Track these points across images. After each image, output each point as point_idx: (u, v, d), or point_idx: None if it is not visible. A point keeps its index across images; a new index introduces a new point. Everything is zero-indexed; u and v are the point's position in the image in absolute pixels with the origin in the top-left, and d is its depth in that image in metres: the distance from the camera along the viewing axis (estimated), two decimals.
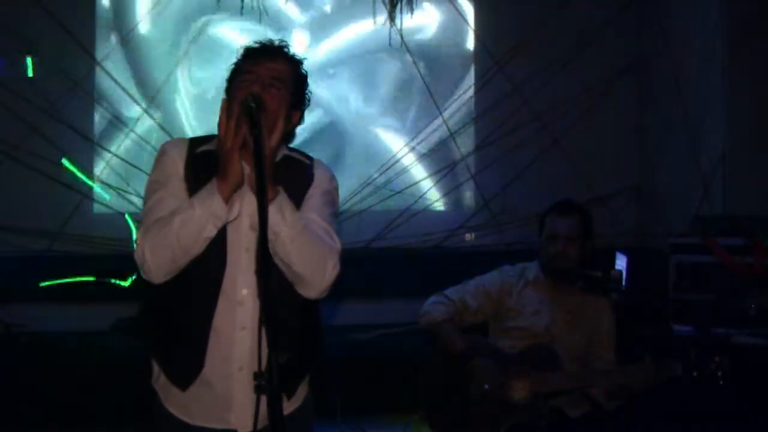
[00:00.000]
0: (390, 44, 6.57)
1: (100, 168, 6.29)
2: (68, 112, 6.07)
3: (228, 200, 2.31)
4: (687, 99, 6.06)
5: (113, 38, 6.35)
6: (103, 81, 6.31)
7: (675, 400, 4.09)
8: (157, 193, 2.44)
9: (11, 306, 5.67)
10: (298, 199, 2.47)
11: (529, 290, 3.80)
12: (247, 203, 2.38)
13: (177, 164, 2.48)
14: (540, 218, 3.86)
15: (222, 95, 2.46)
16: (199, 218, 2.29)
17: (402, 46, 6.59)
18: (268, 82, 2.44)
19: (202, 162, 2.46)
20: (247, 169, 2.38)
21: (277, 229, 2.25)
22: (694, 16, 6.12)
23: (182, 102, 6.47)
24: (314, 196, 2.54)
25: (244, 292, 2.40)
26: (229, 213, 2.33)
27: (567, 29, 6.54)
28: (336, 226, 2.56)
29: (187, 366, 2.44)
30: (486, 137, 6.67)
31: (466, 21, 6.79)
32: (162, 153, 2.53)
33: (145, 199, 2.49)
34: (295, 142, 2.67)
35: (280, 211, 2.28)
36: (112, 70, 6.28)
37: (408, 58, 6.64)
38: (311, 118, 6.12)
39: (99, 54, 6.27)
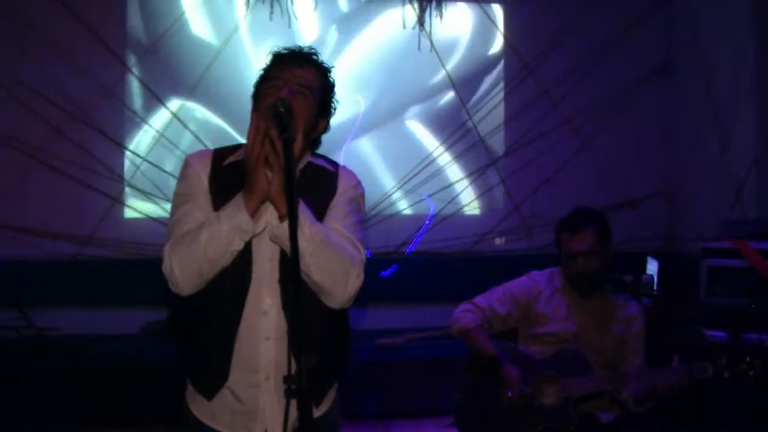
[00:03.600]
0: (419, 48, 6.57)
1: (130, 173, 6.31)
2: (98, 117, 6.11)
3: (254, 214, 2.32)
4: (717, 100, 6.00)
5: (144, 43, 6.36)
6: (133, 86, 6.34)
7: (705, 403, 4.07)
8: (183, 207, 2.45)
9: (42, 310, 5.73)
10: (321, 208, 2.47)
11: (558, 296, 3.79)
12: (268, 214, 2.37)
13: (201, 178, 2.48)
14: (554, 232, 3.84)
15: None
16: (226, 233, 2.30)
17: (431, 50, 6.59)
18: (296, 88, 2.43)
19: (227, 174, 2.46)
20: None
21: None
22: (725, 16, 6.07)
23: (211, 107, 6.48)
24: (338, 204, 2.53)
25: (269, 302, 2.40)
26: (255, 226, 2.33)
27: (596, 30, 6.53)
28: (362, 234, 2.54)
29: (212, 377, 2.44)
30: (516, 141, 6.67)
31: (494, 24, 6.77)
32: (186, 166, 2.54)
33: (172, 212, 2.50)
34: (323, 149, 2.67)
35: (298, 224, 2.22)
36: (142, 75, 6.32)
37: (437, 61, 6.63)
38: (339, 121, 6.22)
39: (130, 59, 6.31)
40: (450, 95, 6.74)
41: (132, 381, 5.11)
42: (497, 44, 6.84)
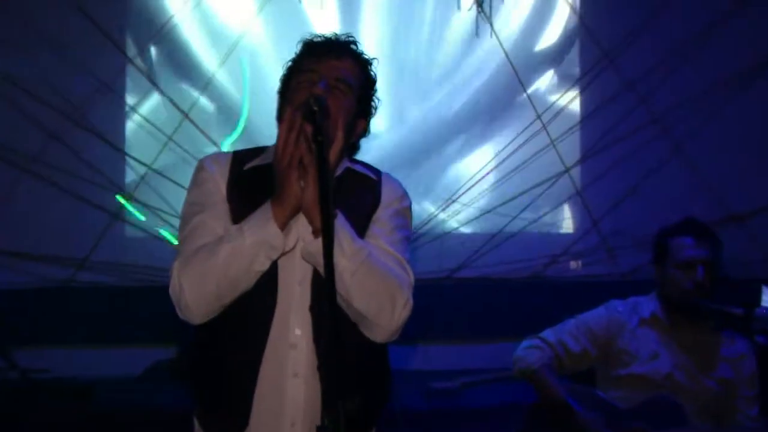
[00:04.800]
0: (477, 34, 6.58)
1: (133, 184, 6.33)
2: (96, 118, 6.13)
3: (284, 227, 2.34)
4: None
5: (148, 31, 6.38)
6: (136, 81, 6.38)
7: None
8: (197, 217, 2.48)
9: (28, 348, 5.74)
10: (362, 222, 2.50)
11: (644, 330, 3.77)
12: (300, 228, 2.39)
13: (218, 183, 2.52)
14: (656, 241, 3.83)
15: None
16: (251, 249, 2.32)
17: (491, 35, 6.56)
18: (333, 83, 2.48)
19: (250, 180, 2.51)
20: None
21: (335, 260, 2.18)
22: None
23: (226, 106, 6.53)
24: (382, 218, 2.56)
25: (297, 332, 2.42)
26: (285, 242, 2.35)
27: (691, 14, 6.48)
28: (409, 253, 2.57)
29: (229, 422, 2.44)
30: (594, 144, 6.62)
31: (568, 3, 6.75)
32: (200, 169, 2.58)
33: (182, 224, 2.53)
34: (364, 155, 2.71)
35: (337, 240, 2.25)
36: (146, 68, 6.36)
37: (498, 49, 6.59)
38: (382, 125, 6.30)
39: (130, 51, 6.35)
40: (514, 89, 6.69)
41: (133, 430, 5.10)
42: (571, 28, 6.81)
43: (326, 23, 6.26)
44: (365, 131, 2.68)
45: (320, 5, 6.43)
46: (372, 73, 2.65)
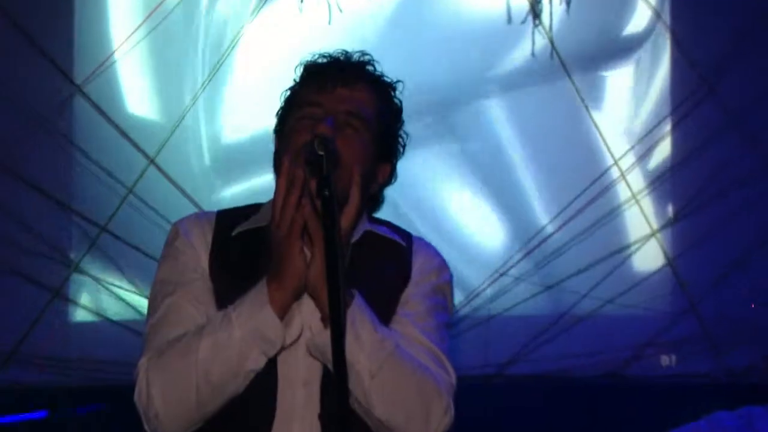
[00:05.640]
0: (533, 53, 6.54)
1: (82, 250, 6.28)
2: (33, 164, 6.14)
3: (285, 313, 2.35)
4: None
5: (99, 58, 6.40)
6: (84, 116, 6.35)
7: None
8: (170, 299, 2.49)
9: None
10: (387, 305, 2.53)
11: None
12: (305, 313, 2.41)
13: (198, 254, 2.55)
14: None
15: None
16: (241, 342, 2.31)
17: (552, 56, 6.52)
18: (343, 119, 2.50)
19: (239, 250, 2.55)
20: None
21: (351, 357, 2.19)
22: None
23: (201, 151, 6.54)
24: (414, 297, 2.58)
25: None
26: (286, 333, 2.35)
27: None
28: (448, 342, 2.60)
29: None
30: (691, 198, 6.53)
31: (659, 16, 6.66)
32: (174, 236, 2.61)
33: (150, 308, 2.55)
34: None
35: (353, 330, 2.28)
36: (98, 99, 6.34)
37: (560, 71, 6.54)
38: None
39: (78, 76, 6.34)
40: (582, 125, 6.62)
41: None
42: (660, 48, 6.73)
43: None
44: (390, 178, 2.72)
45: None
46: (396, 101, 2.71)
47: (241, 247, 2.53)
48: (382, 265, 2.59)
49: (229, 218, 2.61)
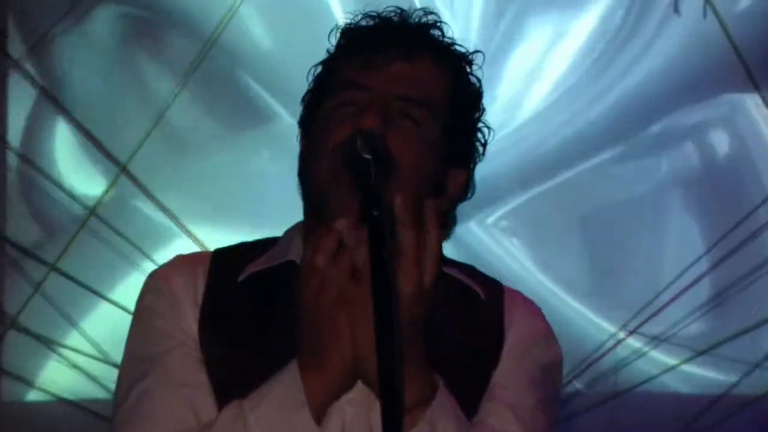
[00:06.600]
0: None
1: (16, 304, 5.32)
2: None
3: (323, 412, 1.95)
4: None
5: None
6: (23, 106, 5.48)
7: None
8: (142, 383, 2.09)
9: None
10: (471, 390, 2.12)
11: None
12: (348, 408, 2.03)
13: (182, 313, 2.18)
14: None
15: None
16: None
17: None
18: (399, 107, 2.15)
19: (249, 300, 2.16)
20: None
21: None
22: None
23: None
24: (512, 371, 2.18)
25: None
26: None
27: None
28: (558, 423, 2.29)
29: None
30: None
31: None
32: (149, 290, 2.26)
33: (119, 388, 2.15)
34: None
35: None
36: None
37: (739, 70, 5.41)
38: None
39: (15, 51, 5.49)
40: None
41: None
42: None
43: None
44: (466, 190, 2.33)
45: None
46: (473, 80, 2.31)
47: (250, 298, 2.12)
48: (460, 329, 2.14)
49: (231, 258, 2.23)
